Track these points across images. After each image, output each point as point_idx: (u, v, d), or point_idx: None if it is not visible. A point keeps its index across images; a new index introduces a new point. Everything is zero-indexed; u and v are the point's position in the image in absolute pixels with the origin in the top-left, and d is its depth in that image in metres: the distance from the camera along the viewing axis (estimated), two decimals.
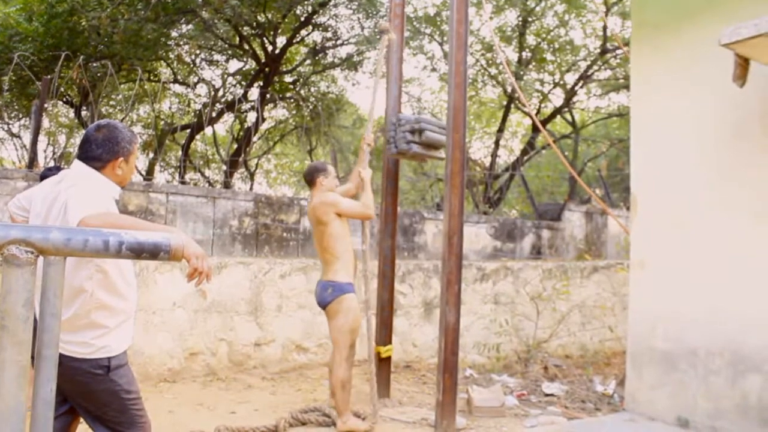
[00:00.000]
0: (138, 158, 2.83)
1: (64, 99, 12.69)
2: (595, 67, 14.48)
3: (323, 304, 4.84)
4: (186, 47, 11.60)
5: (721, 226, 4.35)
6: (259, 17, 11.35)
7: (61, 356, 2.25)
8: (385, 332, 5.96)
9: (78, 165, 2.68)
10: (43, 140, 16.61)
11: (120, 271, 2.66)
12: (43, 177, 4.68)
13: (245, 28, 11.42)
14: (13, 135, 16.10)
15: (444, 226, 5.03)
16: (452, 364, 4.84)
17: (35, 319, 2.52)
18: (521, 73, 13.42)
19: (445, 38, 13.57)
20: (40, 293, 1.52)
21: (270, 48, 12.34)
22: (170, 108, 14.86)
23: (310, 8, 11.29)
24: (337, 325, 4.77)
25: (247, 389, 6.07)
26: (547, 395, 6.17)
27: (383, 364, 5.90)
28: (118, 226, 2.36)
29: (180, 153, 16.19)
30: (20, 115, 14.25)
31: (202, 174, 16.84)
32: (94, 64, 9.75)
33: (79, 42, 9.33)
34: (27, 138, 16.20)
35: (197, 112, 13.47)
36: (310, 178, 5.05)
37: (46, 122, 15.27)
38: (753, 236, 4.14)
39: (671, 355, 4.53)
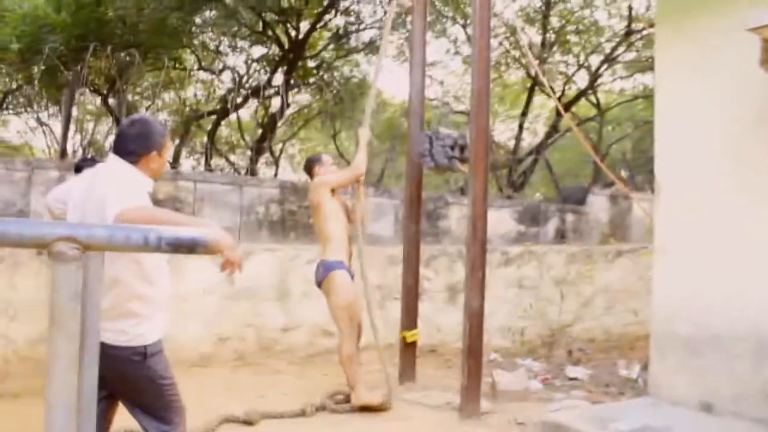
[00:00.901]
0: (169, 149, 2.92)
1: (92, 88, 12.85)
2: (620, 49, 14.31)
3: (317, 283, 5.12)
4: (210, 34, 11.70)
5: (743, 212, 4.35)
6: (282, 3, 11.40)
7: (100, 344, 2.35)
8: (410, 317, 6.04)
9: (113, 159, 2.78)
10: (70, 128, 16.90)
11: (153, 261, 2.76)
12: (78, 168, 4.82)
13: (268, 14, 11.47)
14: (42, 123, 16.40)
15: (468, 212, 5.08)
16: (477, 349, 4.92)
17: None
18: (545, 56, 13.31)
19: (468, 21, 13.51)
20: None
21: (293, 34, 12.40)
22: (195, 95, 14.99)
23: None
24: (331, 302, 5.03)
25: (276, 374, 6.21)
26: (571, 379, 6.23)
27: (408, 348, 6.00)
28: (153, 218, 2.46)
29: (205, 139, 16.39)
30: (49, 105, 14.50)
31: (227, 160, 17.00)
32: (121, 54, 9.86)
33: (106, 32, 9.46)
34: (56, 126, 16.51)
35: (222, 98, 13.60)
36: (309, 169, 5.36)
37: (74, 111, 15.53)
38: None
39: (694, 339, 4.55)
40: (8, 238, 1.66)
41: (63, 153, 7.69)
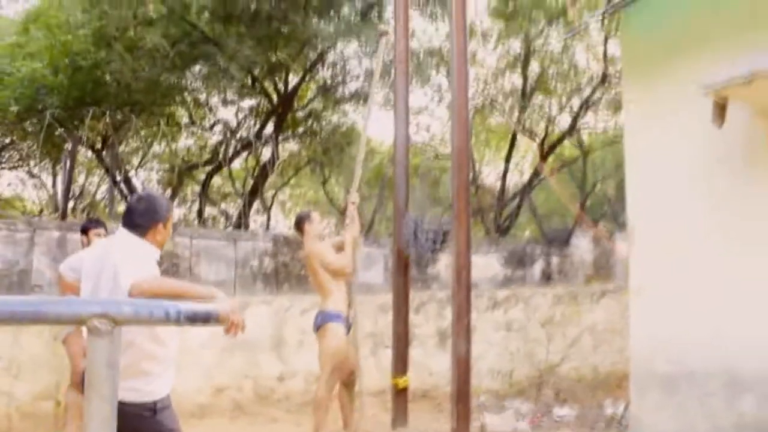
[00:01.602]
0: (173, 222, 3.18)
1: (86, 143, 13.15)
2: (599, 93, 14.78)
3: (314, 329, 5.43)
4: (201, 91, 12.08)
5: (714, 253, 4.63)
6: (270, 58, 11.80)
7: None
8: (400, 364, 6.26)
9: (123, 232, 3.05)
10: (62, 181, 17.21)
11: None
12: (83, 229, 5.09)
13: (257, 70, 11.86)
14: (32, 176, 16.68)
15: (453, 263, 5.36)
16: (465, 394, 5.15)
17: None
18: (525, 101, 13.75)
19: (449, 70, 13.97)
20: None
21: (282, 87, 12.79)
22: (187, 148, 15.33)
23: (319, 48, 11.71)
24: (320, 350, 5.33)
25: (273, 422, 6.39)
26: (558, 419, 6.44)
27: (400, 394, 6.20)
28: (162, 288, 2.73)
29: (197, 188, 16.69)
30: (41, 160, 14.80)
31: (219, 209, 17.29)
32: (116, 112, 10.19)
33: (102, 92, 9.79)
34: (47, 179, 16.79)
35: (214, 150, 13.93)
36: (299, 226, 5.69)
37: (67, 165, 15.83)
38: (744, 262, 4.43)
39: (672, 377, 4.79)
40: (49, 317, 1.94)
41: (64, 215, 7.93)
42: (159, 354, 3.01)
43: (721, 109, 4.21)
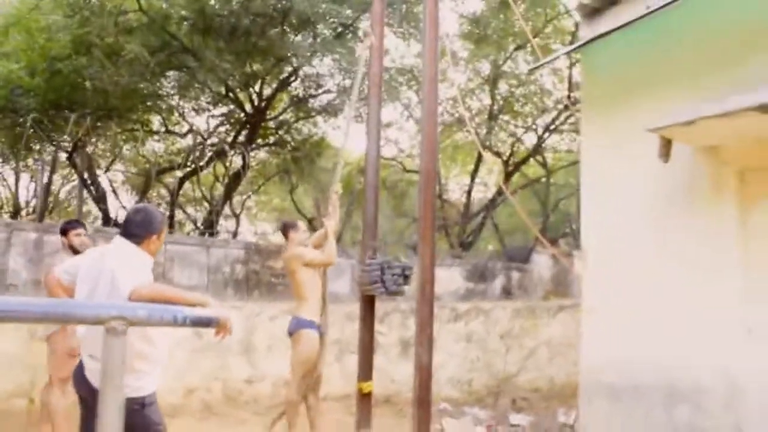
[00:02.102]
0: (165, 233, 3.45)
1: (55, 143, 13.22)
2: (564, 115, 15.32)
3: (289, 334, 5.76)
4: (176, 98, 12.27)
5: (659, 277, 5.03)
6: (245, 68, 12.06)
7: None
8: (366, 370, 6.56)
9: (120, 241, 3.32)
10: (25, 177, 17.21)
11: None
12: (63, 230, 5.34)
13: (232, 79, 12.11)
14: None
15: (418, 276, 5.69)
16: (426, 400, 5.47)
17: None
18: (492, 122, 14.20)
19: (419, 86, 14.36)
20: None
21: (255, 98, 13.05)
22: (158, 152, 15.47)
23: (294, 62, 12.00)
24: (293, 353, 5.68)
25: (241, 424, 6.64)
26: (513, 426, 6.81)
27: (364, 399, 6.48)
28: (158, 294, 3.01)
29: (163, 191, 16.82)
30: (9, 161, 14.78)
31: (185, 212, 17.45)
32: (89, 117, 10.33)
33: (78, 97, 9.95)
34: (9, 178, 16.73)
35: (185, 156, 14.10)
36: (284, 232, 6.05)
37: (30, 161, 15.85)
38: (684, 286, 4.84)
39: (617, 388, 5.18)
40: (75, 317, 2.23)
41: (41, 216, 8.07)
42: (149, 353, 3.28)
43: (667, 147, 4.62)
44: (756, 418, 4.36)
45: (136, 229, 3.31)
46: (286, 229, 6.02)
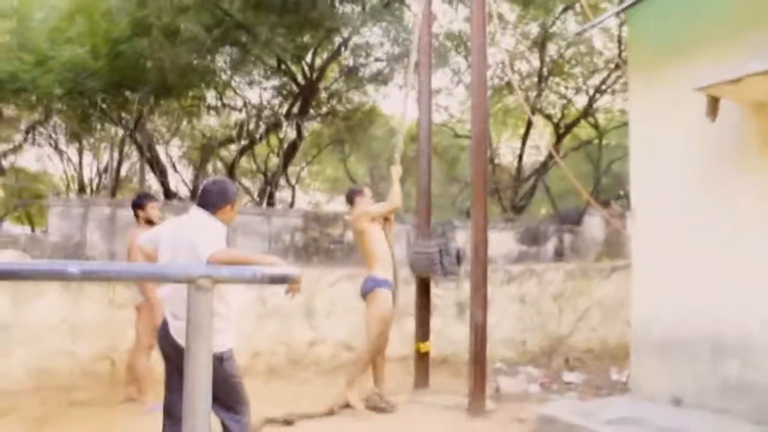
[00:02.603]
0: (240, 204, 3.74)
1: (118, 123, 13.79)
2: (614, 75, 15.14)
3: (363, 293, 5.94)
4: (231, 74, 12.64)
5: (704, 233, 5.14)
6: (297, 41, 12.32)
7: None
8: (423, 331, 6.86)
9: (197, 210, 3.64)
10: (87, 156, 17.96)
11: (227, 287, 3.61)
12: (139, 204, 5.75)
13: (284, 53, 12.39)
14: (60, 152, 17.41)
15: (471, 238, 5.92)
16: (481, 357, 5.73)
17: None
18: (541, 84, 14.15)
19: (469, 51, 14.38)
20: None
21: (308, 71, 13.31)
22: (213, 127, 15.93)
23: (346, 33, 12.20)
24: (370, 313, 5.85)
25: (305, 383, 7.01)
26: (566, 383, 7.01)
27: (422, 358, 6.80)
28: (234, 258, 3.32)
29: (219, 164, 17.34)
30: (74, 140, 15.46)
31: (244, 187, 17.95)
32: (151, 96, 10.77)
33: (140, 76, 10.39)
34: (72, 153, 17.48)
35: (240, 129, 14.53)
36: (350, 198, 6.24)
37: (91, 141, 16.53)
38: (729, 242, 4.94)
39: (666, 344, 5.34)
40: (168, 276, 2.54)
41: (114, 192, 8.57)
42: (223, 312, 3.62)
43: (714, 105, 4.70)
44: None
45: (212, 199, 3.62)
46: (352, 195, 6.22)
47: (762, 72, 4.19)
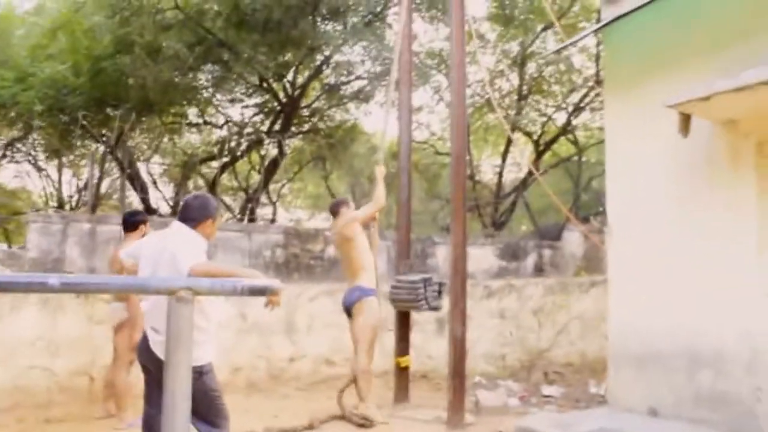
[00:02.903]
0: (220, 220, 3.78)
1: (99, 140, 13.75)
2: (593, 93, 15.35)
3: (349, 304, 5.94)
4: (212, 90, 12.69)
5: (680, 248, 5.24)
6: (278, 59, 12.40)
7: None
8: (403, 345, 6.89)
9: (178, 225, 3.67)
10: (66, 173, 17.87)
11: (209, 300, 3.64)
12: (125, 220, 5.76)
13: (266, 71, 12.46)
14: (39, 169, 17.32)
15: (450, 253, 5.98)
16: (461, 370, 5.78)
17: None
18: (521, 102, 14.33)
19: (448, 70, 14.52)
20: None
21: (289, 89, 13.40)
22: (196, 143, 15.94)
23: (327, 51, 12.30)
24: (359, 323, 5.86)
25: (285, 398, 7.01)
26: (545, 397, 7.07)
27: (402, 373, 6.83)
28: (215, 270, 3.35)
29: (200, 182, 17.30)
30: (53, 157, 15.39)
31: (224, 204, 17.91)
32: (132, 112, 10.77)
33: (121, 93, 10.40)
34: (51, 170, 17.38)
35: (221, 146, 14.54)
36: (336, 209, 6.28)
37: (71, 157, 16.45)
38: (705, 256, 5.05)
39: (643, 357, 5.42)
40: (149, 288, 2.57)
41: (94, 208, 8.55)
42: (203, 326, 3.64)
43: (686, 122, 4.83)
44: None
45: (193, 214, 3.66)
46: (338, 206, 6.26)
47: (728, 90, 4.32)
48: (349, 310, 5.98)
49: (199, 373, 3.60)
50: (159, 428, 2.13)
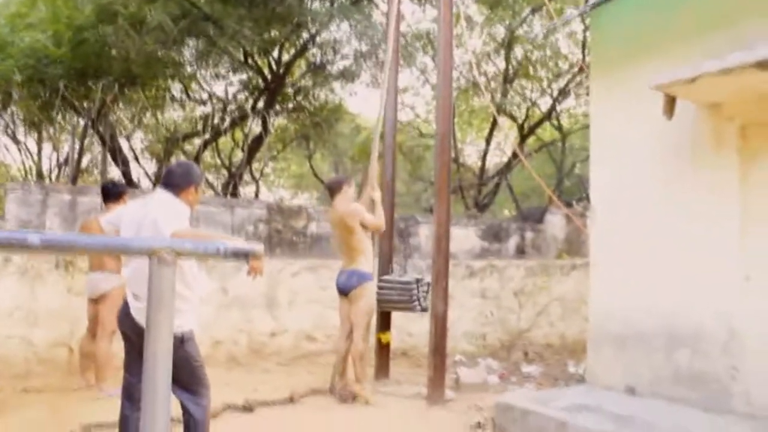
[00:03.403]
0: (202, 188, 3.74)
1: (80, 112, 13.56)
2: (578, 78, 15.40)
3: (348, 289, 5.91)
4: (195, 66, 12.53)
5: (661, 230, 5.28)
6: (264, 35, 12.27)
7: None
8: (384, 322, 6.91)
9: (161, 191, 3.64)
10: (46, 148, 17.64)
11: (192, 270, 3.62)
12: (104, 190, 5.70)
13: (252, 46, 12.33)
14: (17, 142, 17.07)
15: (434, 231, 5.99)
16: (441, 347, 5.80)
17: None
18: (507, 86, 14.33)
19: (435, 52, 14.49)
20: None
21: (274, 66, 13.27)
22: (179, 119, 15.78)
23: (313, 29, 12.19)
24: (358, 306, 5.86)
25: (266, 372, 7.02)
26: (525, 375, 7.14)
27: (383, 349, 6.86)
28: (197, 235, 3.32)
29: (183, 158, 17.14)
30: (33, 129, 15.16)
31: (208, 183, 17.78)
32: (115, 85, 10.62)
33: (103, 65, 10.23)
34: (31, 144, 17.16)
35: (205, 122, 14.40)
36: (337, 186, 6.13)
37: (51, 131, 16.23)
38: (685, 238, 5.09)
39: (622, 336, 5.48)
40: (131, 249, 2.54)
41: (74, 179, 8.44)
42: (186, 294, 3.62)
43: (671, 104, 4.85)
44: (751, 360, 4.64)
45: (176, 180, 3.63)
46: (339, 183, 6.12)
47: (714, 72, 4.33)
48: (344, 293, 5.96)
49: (181, 340, 3.59)
50: (140, 396, 2.10)
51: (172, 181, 3.62)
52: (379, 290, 6.61)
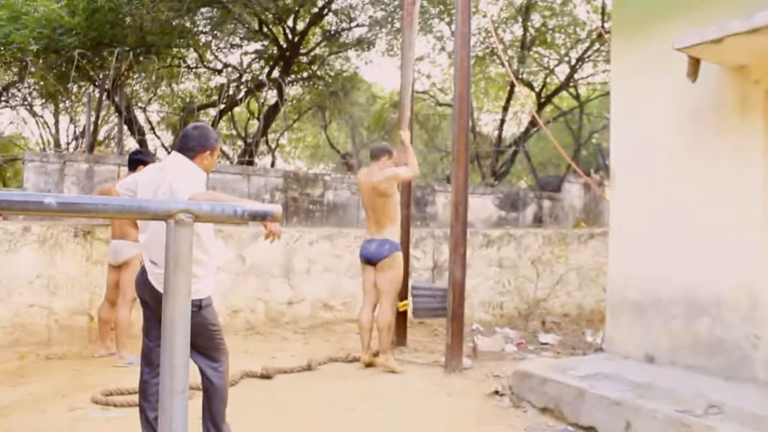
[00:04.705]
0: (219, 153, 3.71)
1: (96, 82, 13.56)
2: (596, 46, 15.15)
3: (378, 258, 5.84)
4: (211, 35, 12.45)
5: (682, 196, 5.20)
6: (278, 2, 12.15)
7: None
8: (402, 291, 6.88)
9: (176, 155, 3.60)
10: (64, 120, 17.71)
11: (209, 235, 3.60)
12: (131, 160, 5.70)
13: (266, 14, 12.22)
14: (35, 114, 17.14)
15: (451, 197, 5.93)
16: (459, 314, 5.78)
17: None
18: (524, 53, 14.12)
19: (453, 18, 14.28)
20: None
21: (289, 34, 13.16)
22: (195, 89, 15.75)
23: None
24: (389, 276, 5.83)
25: (283, 341, 7.04)
26: (542, 344, 7.11)
27: (400, 317, 6.84)
28: (214, 198, 3.30)
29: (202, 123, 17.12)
30: (50, 100, 15.19)
31: (223, 152, 17.78)
32: (131, 54, 10.59)
33: (118, 34, 10.20)
34: (48, 117, 17.23)
35: (220, 92, 14.37)
36: (379, 153, 6.06)
37: (67, 103, 16.29)
38: (706, 205, 5.00)
39: (641, 304, 5.42)
40: (147, 212, 2.52)
41: (91, 148, 8.45)
42: (204, 260, 3.59)
43: (695, 66, 4.72)
44: None
45: (192, 143, 3.59)
46: (382, 152, 6.03)
47: (741, 32, 4.20)
48: (373, 262, 5.89)
49: (198, 306, 3.58)
50: (158, 360, 2.09)
51: (188, 144, 3.59)
52: (415, 298, 6.62)
